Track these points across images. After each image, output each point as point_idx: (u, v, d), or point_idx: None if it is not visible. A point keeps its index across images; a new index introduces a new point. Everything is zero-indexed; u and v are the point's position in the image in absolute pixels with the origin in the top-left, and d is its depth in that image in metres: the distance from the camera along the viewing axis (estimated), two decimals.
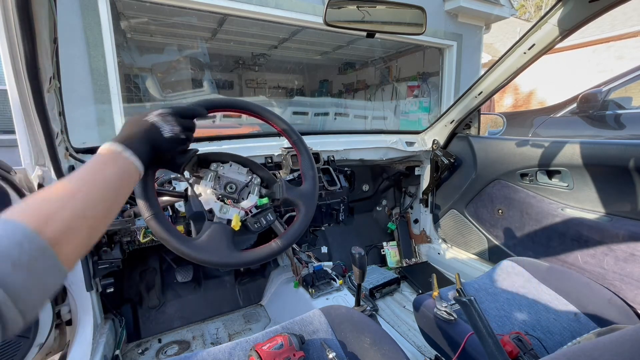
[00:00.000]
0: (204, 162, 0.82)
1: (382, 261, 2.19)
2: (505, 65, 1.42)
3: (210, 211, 0.76)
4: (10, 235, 0.29)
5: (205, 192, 0.77)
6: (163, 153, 0.61)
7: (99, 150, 0.50)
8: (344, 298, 1.53)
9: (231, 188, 0.80)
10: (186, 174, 0.81)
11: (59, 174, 0.99)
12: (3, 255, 0.28)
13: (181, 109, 0.66)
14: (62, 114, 1.02)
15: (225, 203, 0.77)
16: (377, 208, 2.37)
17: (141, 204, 0.66)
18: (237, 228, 0.74)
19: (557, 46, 1.31)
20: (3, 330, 0.26)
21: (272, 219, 0.82)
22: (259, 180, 0.85)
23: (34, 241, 0.30)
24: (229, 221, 0.74)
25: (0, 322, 0.26)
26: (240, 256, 0.69)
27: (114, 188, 0.46)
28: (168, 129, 0.61)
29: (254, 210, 0.81)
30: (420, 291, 1.87)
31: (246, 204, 0.80)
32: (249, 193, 0.82)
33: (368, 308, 1.50)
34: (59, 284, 0.33)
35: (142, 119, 0.59)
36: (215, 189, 0.78)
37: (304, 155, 0.86)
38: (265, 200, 0.83)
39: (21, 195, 0.92)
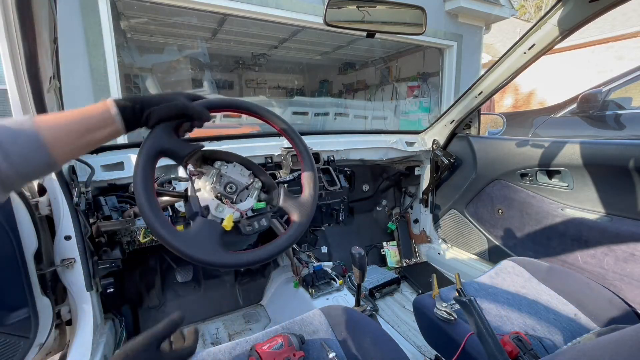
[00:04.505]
0: (209, 159, 0.81)
1: (382, 261, 2.19)
2: (505, 65, 1.42)
3: (207, 208, 0.74)
4: (32, 141, 0.47)
5: (204, 188, 0.77)
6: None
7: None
8: (344, 298, 1.53)
9: (231, 188, 0.80)
10: (189, 167, 0.80)
11: (58, 173, 0.99)
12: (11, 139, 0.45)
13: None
14: None
15: (222, 202, 0.76)
16: (377, 208, 2.37)
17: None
18: (228, 228, 0.71)
19: (557, 46, 1.31)
20: None
21: (265, 224, 0.79)
22: (260, 184, 0.84)
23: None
24: (223, 220, 0.72)
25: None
26: (225, 257, 0.65)
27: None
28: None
29: (250, 213, 0.80)
30: (420, 291, 1.87)
31: (243, 205, 0.79)
32: (248, 196, 0.81)
33: (368, 308, 1.50)
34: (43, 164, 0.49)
35: None
36: (215, 187, 0.77)
37: (306, 159, 0.83)
38: (262, 205, 0.82)
39: (21, 195, 0.92)
